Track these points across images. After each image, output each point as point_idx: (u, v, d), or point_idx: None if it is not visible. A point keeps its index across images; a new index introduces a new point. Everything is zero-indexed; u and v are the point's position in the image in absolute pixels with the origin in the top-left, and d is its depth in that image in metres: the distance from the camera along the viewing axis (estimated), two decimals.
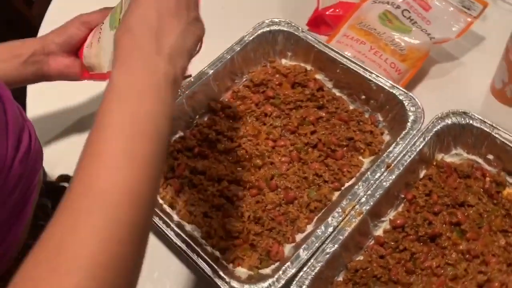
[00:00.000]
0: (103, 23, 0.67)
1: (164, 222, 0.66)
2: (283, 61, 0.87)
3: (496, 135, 0.69)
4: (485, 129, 0.70)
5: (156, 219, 0.66)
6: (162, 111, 0.41)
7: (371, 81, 0.77)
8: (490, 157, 0.71)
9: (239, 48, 0.83)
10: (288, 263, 0.61)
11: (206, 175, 0.74)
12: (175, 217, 0.70)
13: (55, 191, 0.67)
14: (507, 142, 0.68)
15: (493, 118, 0.70)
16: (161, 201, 0.73)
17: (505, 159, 0.70)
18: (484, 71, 0.85)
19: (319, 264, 0.61)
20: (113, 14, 0.64)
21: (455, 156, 0.74)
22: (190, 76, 0.89)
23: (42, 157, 0.56)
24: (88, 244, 0.33)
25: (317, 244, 0.62)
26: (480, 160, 0.73)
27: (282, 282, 0.59)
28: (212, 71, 0.81)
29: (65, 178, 0.70)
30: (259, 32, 0.85)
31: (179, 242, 0.64)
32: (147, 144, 0.39)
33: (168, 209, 0.72)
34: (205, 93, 0.82)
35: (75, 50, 0.72)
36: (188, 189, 0.74)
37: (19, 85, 0.71)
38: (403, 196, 0.71)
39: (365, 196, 0.66)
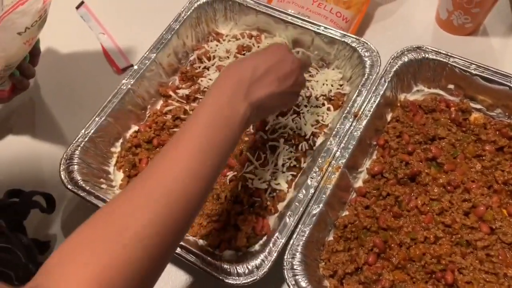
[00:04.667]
0: None
1: None
2: (227, 30, 0.83)
3: (453, 63, 0.69)
4: (441, 59, 0.69)
5: None
6: (229, 139, 0.49)
7: (321, 34, 0.74)
8: (451, 86, 0.71)
9: (178, 26, 0.78)
10: (277, 234, 0.58)
11: None
12: None
13: (5, 208, 0.61)
14: (464, 68, 0.68)
15: (445, 49, 0.70)
16: None
17: (465, 86, 0.70)
18: (427, 4, 0.85)
19: (308, 228, 0.59)
20: None
21: (417, 93, 0.73)
22: (131, 65, 0.83)
23: None
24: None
25: (301, 208, 0.60)
26: (442, 92, 0.72)
27: (275, 254, 0.57)
28: (154, 55, 0.76)
29: (14, 193, 0.64)
30: (196, 5, 0.80)
31: None
32: (212, 158, 0.46)
33: None
34: (152, 80, 0.77)
35: None
36: None
37: None
38: (375, 143, 0.70)
39: (339, 150, 0.64)
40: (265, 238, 0.63)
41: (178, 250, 0.59)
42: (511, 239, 0.59)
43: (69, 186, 0.65)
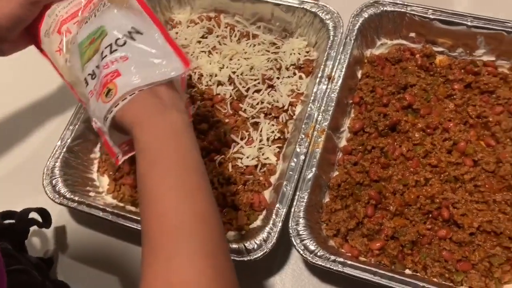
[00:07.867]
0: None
1: (133, 220, 0.61)
2: (186, 16, 0.82)
3: (411, 12, 0.71)
4: (399, 10, 0.71)
5: (124, 222, 0.61)
6: (191, 147, 0.46)
7: (279, 4, 0.75)
8: (412, 35, 0.74)
9: None
10: (278, 205, 0.59)
11: None
12: None
13: (3, 231, 0.59)
14: (422, 15, 0.71)
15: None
16: (121, 204, 0.67)
17: (425, 32, 0.73)
18: None
19: (306, 193, 0.60)
20: (87, 39, 0.50)
21: (382, 47, 0.75)
22: None
23: None
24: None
25: (296, 176, 0.61)
26: (404, 42, 0.75)
27: (279, 224, 0.58)
28: None
29: (6, 215, 0.62)
30: None
31: None
32: (194, 175, 0.44)
33: (133, 208, 0.66)
34: None
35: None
36: None
37: None
38: (350, 101, 0.72)
39: (320, 114, 0.65)
40: (264, 212, 0.64)
41: None
42: (493, 167, 0.62)
43: (57, 201, 0.63)
